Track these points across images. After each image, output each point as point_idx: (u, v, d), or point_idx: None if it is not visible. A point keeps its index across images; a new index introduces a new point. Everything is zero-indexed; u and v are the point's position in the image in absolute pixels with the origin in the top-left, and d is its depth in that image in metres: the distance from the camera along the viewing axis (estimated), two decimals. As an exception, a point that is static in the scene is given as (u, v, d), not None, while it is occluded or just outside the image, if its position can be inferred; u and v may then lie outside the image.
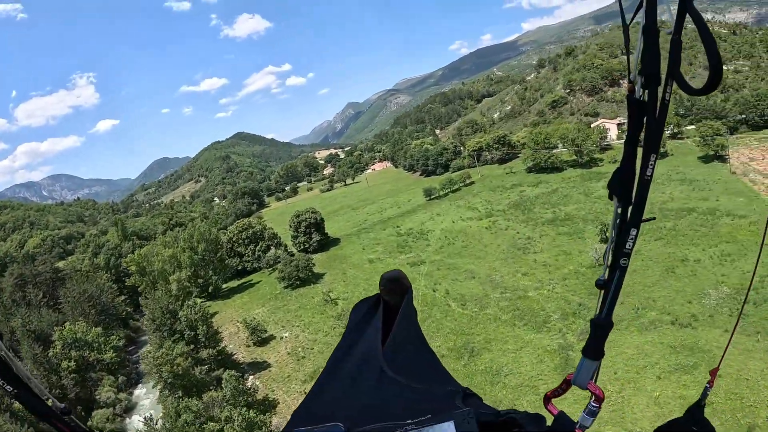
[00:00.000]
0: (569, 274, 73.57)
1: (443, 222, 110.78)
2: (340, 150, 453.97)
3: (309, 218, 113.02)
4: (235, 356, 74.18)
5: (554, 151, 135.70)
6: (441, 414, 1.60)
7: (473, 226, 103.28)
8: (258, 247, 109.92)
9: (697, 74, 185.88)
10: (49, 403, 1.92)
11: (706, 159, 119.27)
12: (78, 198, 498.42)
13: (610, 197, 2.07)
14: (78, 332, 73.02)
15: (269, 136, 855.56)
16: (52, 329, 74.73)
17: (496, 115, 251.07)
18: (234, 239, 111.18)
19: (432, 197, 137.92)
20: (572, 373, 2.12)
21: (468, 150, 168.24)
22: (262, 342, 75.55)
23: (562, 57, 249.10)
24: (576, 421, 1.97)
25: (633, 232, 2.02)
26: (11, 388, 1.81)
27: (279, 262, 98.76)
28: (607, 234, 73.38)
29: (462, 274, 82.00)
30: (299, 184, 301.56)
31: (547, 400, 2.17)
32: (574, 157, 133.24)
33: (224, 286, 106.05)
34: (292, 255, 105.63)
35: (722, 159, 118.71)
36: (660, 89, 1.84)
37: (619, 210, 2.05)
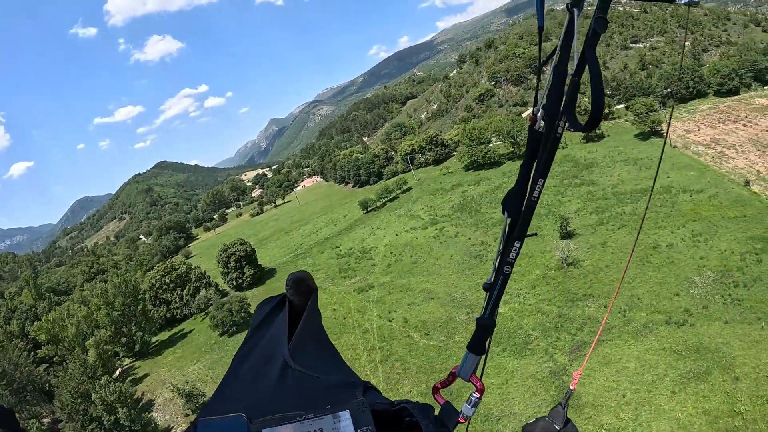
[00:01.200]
0: (537, 280, 66.37)
1: (386, 236, 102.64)
2: (267, 169, 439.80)
3: (238, 251, 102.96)
4: (174, 430, 63.03)
5: (490, 145, 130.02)
6: (339, 405, 1.70)
7: (419, 237, 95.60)
8: (185, 291, 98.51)
9: (615, 54, 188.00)
10: None
11: (643, 136, 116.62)
12: None
13: (503, 212, 2.29)
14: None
15: (193, 163, 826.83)
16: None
17: (423, 116, 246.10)
18: (157, 285, 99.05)
19: (369, 209, 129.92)
20: (458, 366, 2.42)
21: (400, 154, 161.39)
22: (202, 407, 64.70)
23: (482, 50, 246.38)
24: (460, 410, 2.24)
25: (517, 244, 2.28)
26: None
27: (211, 305, 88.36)
28: (568, 228, 65.14)
29: (418, 296, 73.66)
30: (228, 211, 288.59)
31: (435, 390, 2.48)
32: (511, 149, 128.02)
33: (154, 339, 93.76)
34: (226, 294, 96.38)
35: (659, 134, 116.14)
36: (556, 123, 2.05)
37: (508, 223, 2.30)
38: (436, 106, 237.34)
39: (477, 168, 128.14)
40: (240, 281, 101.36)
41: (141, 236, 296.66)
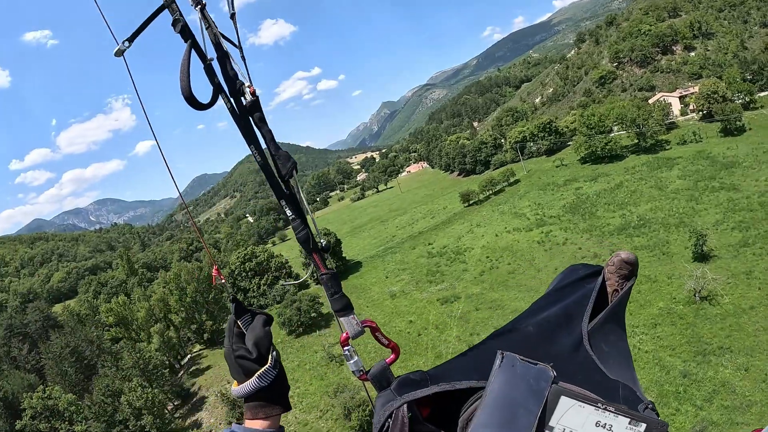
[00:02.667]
0: (660, 316, 53.41)
1: (484, 236, 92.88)
2: (377, 153, 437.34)
3: (320, 242, 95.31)
4: (214, 435, 58.36)
5: (611, 135, 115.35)
6: (634, 413, 1.61)
7: (521, 240, 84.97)
8: (264, 280, 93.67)
9: (754, 32, 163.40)
10: (316, 236, 2.19)
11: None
12: (115, 222, 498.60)
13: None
14: (50, 399, 59.68)
15: (305, 144, 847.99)
16: (23, 394, 62.30)
17: (537, 100, 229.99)
18: (236, 272, 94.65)
19: (471, 203, 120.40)
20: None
21: (509, 142, 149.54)
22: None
23: (603, 28, 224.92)
24: None
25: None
26: (290, 213, 2.13)
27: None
28: (705, 248, 50.76)
29: (509, 318, 61.59)
30: (331, 194, 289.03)
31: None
32: (636, 140, 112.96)
33: None
34: (307, 287, 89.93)
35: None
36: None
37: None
38: (551, 89, 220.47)
39: (595, 161, 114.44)
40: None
41: (247, 215, 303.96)
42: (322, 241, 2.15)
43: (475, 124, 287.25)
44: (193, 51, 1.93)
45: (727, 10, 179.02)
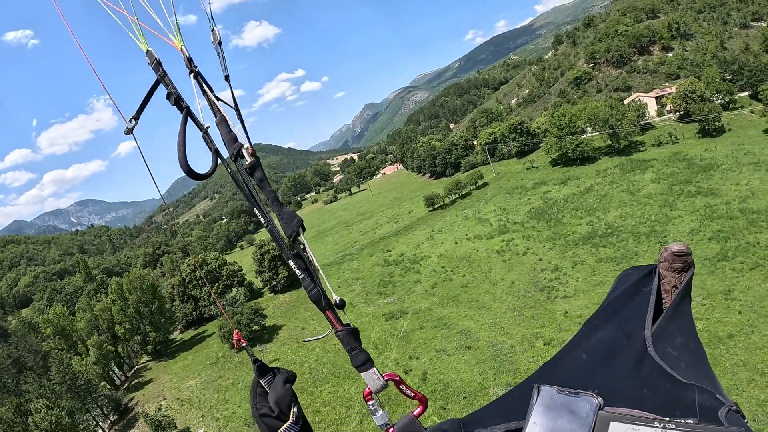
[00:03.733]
0: None
1: (444, 243, 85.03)
2: (357, 154, 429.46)
3: (273, 249, 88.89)
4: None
5: (583, 136, 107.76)
6: (708, 423, 1.50)
7: (481, 249, 77.05)
8: (215, 289, 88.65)
9: (734, 33, 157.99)
10: (329, 294, 2.10)
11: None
12: (92, 224, 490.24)
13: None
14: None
15: (287, 146, 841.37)
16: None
17: (513, 102, 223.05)
18: (187, 280, 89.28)
19: (435, 207, 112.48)
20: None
21: (480, 144, 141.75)
22: (172, 439, 56.19)
23: (580, 30, 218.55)
24: None
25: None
26: (300, 273, 2.06)
27: (236, 306, 77.14)
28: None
29: (454, 340, 55.55)
30: (307, 196, 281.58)
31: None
32: (609, 142, 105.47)
33: (179, 337, 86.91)
34: (260, 295, 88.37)
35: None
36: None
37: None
38: (527, 91, 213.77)
39: (566, 163, 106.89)
40: (274, 283, 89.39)
41: (223, 217, 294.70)
42: (336, 298, 2.10)
43: (452, 125, 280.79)
44: (189, 119, 1.97)
45: (706, 11, 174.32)
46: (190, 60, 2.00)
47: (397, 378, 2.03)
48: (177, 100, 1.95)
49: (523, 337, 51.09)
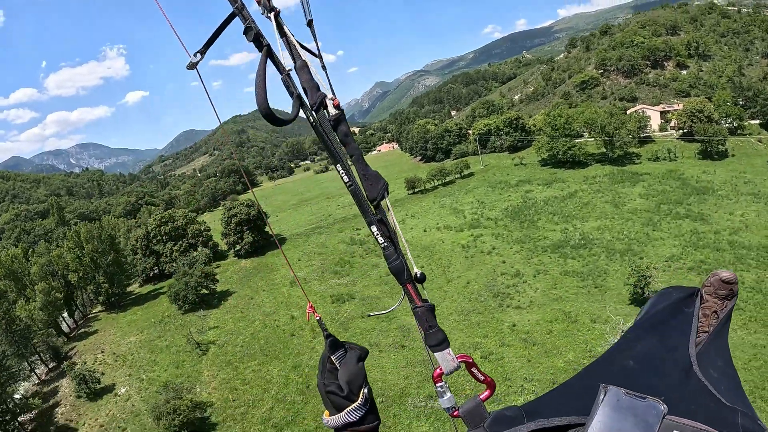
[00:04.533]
0: (563, 371, 39.02)
1: (413, 229, 79.01)
2: (359, 128, 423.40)
3: (240, 213, 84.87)
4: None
5: (578, 140, 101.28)
6: None
7: (447, 241, 71.14)
8: (177, 246, 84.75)
9: (754, 61, 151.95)
10: (410, 265, 1.95)
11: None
12: (86, 167, 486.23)
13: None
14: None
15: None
16: None
17: (516, 97, 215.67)
18: (152, 234, 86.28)
19: (415, 191, 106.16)
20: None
21: (474, 133, 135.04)
22: (96, 395, 53.18)
23: (596, 36, 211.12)
24: None
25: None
26: (382, 241, 1.90)
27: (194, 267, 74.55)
28: (647, 291, 31.94)
29: (391, 335, 50.39)
30: (301, 163, 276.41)
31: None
32: (603, 149, 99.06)
33: (137, 290, 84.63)
34: (224, 258, 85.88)
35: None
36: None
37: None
38: (532, 88, 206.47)
39: (556, 165, 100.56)
40: (238, 248, 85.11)
41: (217, 174, 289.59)
42: (417, 271, 1.96)
43: (453, 113, 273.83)
44: (269, 61, 1.79)
45: (729, 35, 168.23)
46: None
47: (470, 360, 1.95)
48: (256, 38, 1.77)
49: (461, 344, 45.18)
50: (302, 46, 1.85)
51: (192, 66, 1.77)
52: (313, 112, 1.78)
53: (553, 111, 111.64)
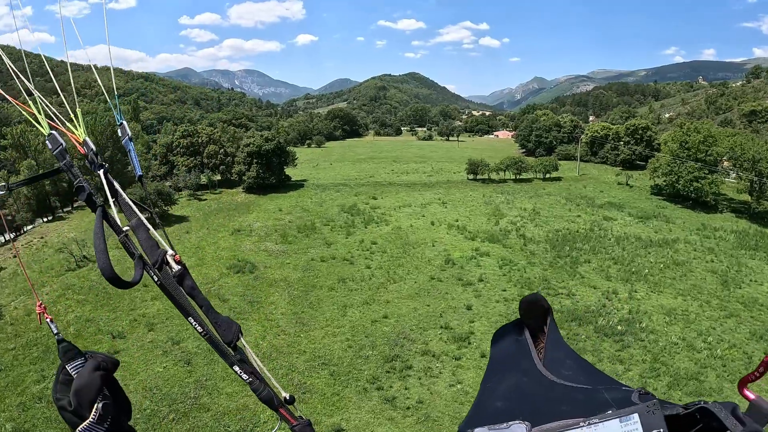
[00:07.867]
0: None
1: (424, 217, 57.95)
2: (489, 113, 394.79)
3: (254, 144, 76.27)
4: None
5: (712, 172, 68.26)
6: (623, 408, 1.51)
7: (439, 248, 46.68)
8: (189, 161, 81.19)
9: None
10: (278, 392, 1.94)
11: None
12: (233, 88, 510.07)
13: None
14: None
15: (444, 86, 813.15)
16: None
17: (667, 116, 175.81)
18: (174, 143, 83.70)
19: (476, 177, 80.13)
20: None
21: (587, 134, 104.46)
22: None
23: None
24: None
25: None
26: (246, 377, 1.84)
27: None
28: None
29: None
30: (417, 128, 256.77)
31: (743, 384, 1.69)
32: (747, 196, 66.17)
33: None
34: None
35: None
36: None
37: None
38: (688, 109, 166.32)
39: (671, 197, 69.79)
40: (244, 179, 76.72)
41: (322, 115, 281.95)
42: (286, 395, 1.95)
43: (592, 118, 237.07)
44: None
45: None
46: (96, 154, 1.67)
47: None
48: (89, 198, 1.59)
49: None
50: (135, 203, 1.71)
51: None
52: (156, 271, 1.64)
53: (688, 125, 78.01)
